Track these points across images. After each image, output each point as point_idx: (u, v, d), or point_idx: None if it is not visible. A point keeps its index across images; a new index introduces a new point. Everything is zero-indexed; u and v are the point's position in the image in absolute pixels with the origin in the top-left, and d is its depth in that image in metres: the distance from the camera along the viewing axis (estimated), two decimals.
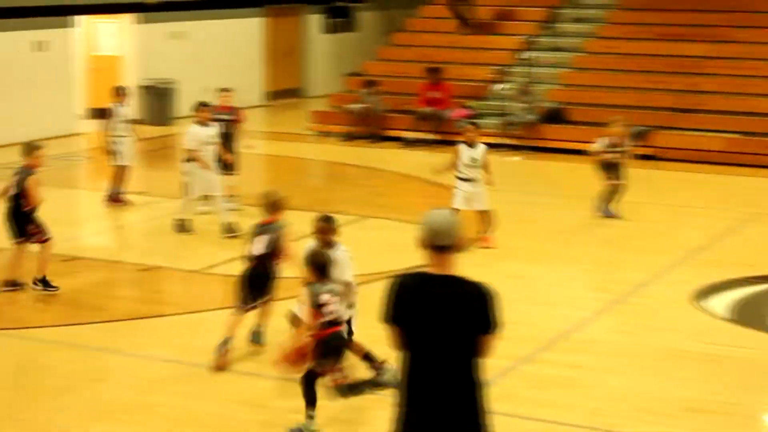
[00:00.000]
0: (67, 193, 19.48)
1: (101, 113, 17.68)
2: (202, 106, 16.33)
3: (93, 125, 17.66)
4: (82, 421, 9.58)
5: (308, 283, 9.22)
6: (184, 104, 24.47)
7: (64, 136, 23.83)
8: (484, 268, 6.44)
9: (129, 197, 17.71)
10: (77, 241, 16.04)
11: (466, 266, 6.20)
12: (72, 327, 12.04)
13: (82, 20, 25.13)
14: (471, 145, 15.10)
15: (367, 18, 32.89)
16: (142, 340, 11.74)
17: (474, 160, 15.00)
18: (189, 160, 15.88)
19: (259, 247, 10.88)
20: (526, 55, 25.96)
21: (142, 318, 12.45)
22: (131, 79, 26.12)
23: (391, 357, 6.47)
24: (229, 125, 16.97)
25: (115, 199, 17.61)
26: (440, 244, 6.09)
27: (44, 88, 23.97)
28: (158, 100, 25.97)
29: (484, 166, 15.09)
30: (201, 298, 13.70)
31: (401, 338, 6.18)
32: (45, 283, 13.13)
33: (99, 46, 26.78)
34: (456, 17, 26.96)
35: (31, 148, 13.24)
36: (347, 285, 9.86)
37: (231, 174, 17.05)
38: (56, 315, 12.53)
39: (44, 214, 16.74)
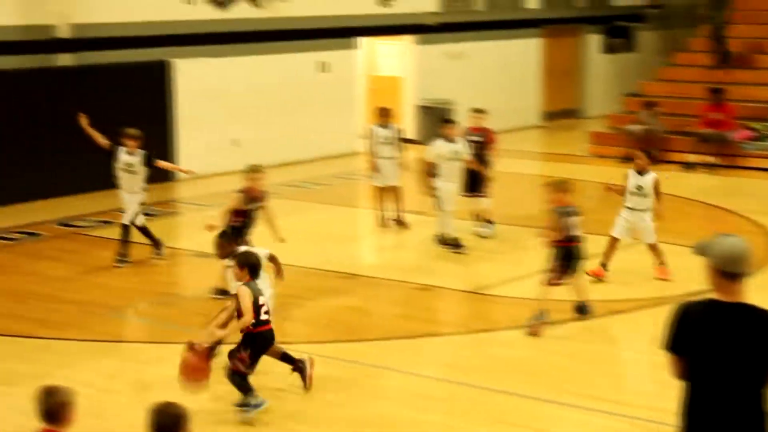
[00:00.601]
0: (345, 211, 19.92)
1: (367, 134, 18.10)
2: (447, 122, 16.68)
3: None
4: None
5: (246, 282, 9.81)
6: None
7: (345, 155, 24.43)
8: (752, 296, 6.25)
9: (405, 216, 17.83)
10: (354, 259, 16.38)
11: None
12: (346, 343, 12.26)
13: (363, 42, 25.72)
14: (640, 172, 14.52)
15: (646, 38, 32.35)
16: (414, 357, 11.84)
17: (640, 188, 14.35)
18: (433, 174, 16.01)
19: (577, 227, 12.40)
20: None
21: (414, 337, 12.58)
22: (410, 99, 26.57)
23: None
24: (479, 146, 17.00)
25: (394, 219, 17.77)
26: (733, 271, 5.91)
27: (327, 108, 24.65)
28: (436, 121, 26.24)
29: (654, 196, 14.44)
30: (472, 318, 13.73)
31: (686, 367, 6.00)
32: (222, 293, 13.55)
33: (379, 66, 27.35)
34: (716, 51, 26.14)
35: (249, 170, 13.64)
36: None
37: (482, 196, 16.99)
38: (332, 331, 12.80)
39: (322, 231, 17.29)
